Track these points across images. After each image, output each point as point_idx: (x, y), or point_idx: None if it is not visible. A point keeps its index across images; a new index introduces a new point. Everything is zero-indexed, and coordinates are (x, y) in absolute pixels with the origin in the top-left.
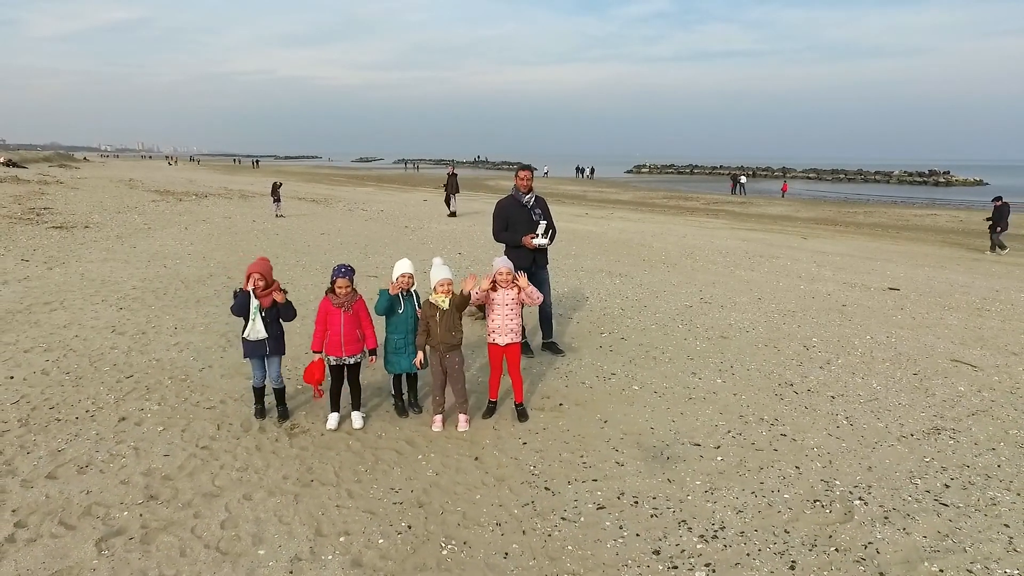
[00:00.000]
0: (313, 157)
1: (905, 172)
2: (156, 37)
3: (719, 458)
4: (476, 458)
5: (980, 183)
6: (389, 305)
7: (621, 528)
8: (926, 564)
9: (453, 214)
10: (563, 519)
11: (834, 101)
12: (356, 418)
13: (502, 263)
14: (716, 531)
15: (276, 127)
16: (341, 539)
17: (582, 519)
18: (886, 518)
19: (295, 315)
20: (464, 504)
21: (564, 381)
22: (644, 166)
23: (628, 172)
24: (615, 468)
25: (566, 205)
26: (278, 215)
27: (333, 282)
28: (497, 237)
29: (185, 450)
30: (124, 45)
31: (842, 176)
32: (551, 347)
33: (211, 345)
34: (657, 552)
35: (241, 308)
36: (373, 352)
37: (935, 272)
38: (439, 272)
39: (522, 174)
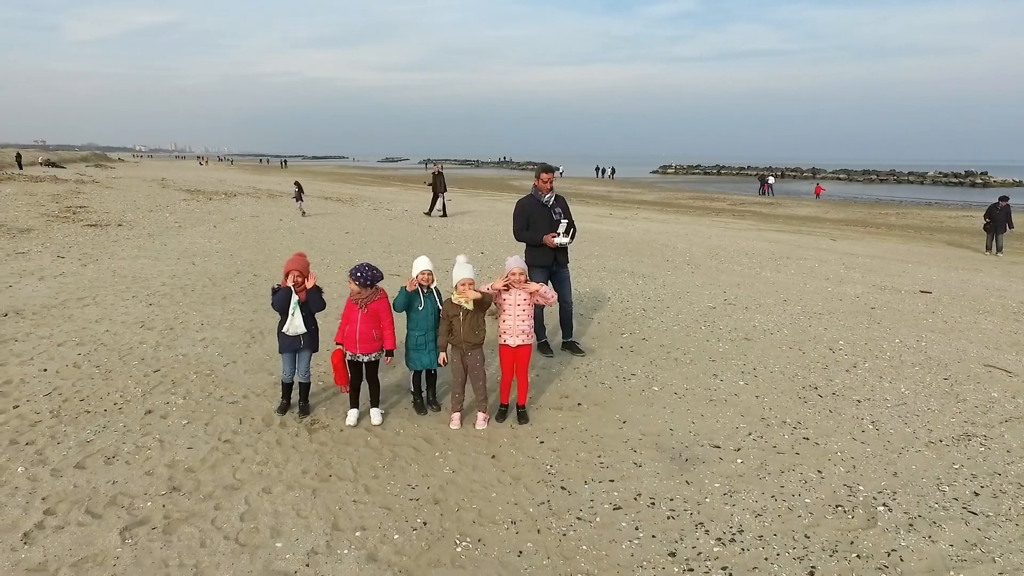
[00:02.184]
0: (339, 157)
1: (940, 173)
2: (187, 40)
3: (739, 461)
4: (493, 456)
5: (1020, 184)
6: (407, 301)
7: (637, 529)
8: (952, 573)
9: (442, 214)
10: (578, 519)
11: (865, 100)
12: (375, 415)
13: (514, 263)
14: (734, 534)
15: (304, 128)
16: (357, 534)
17: (598, 519)
18: (911, 525)
19: (324, 305)
20: (480, 502)
21: (583, 381)
22: (670, 167)
23: (653, 172)
24: (632, 469)
25: (590, 205)
26: (304, 213)
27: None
28: (518, 236)
29: (208, 443)
30: (156, 48)
31: (874, 177)
32: (571, 347)
33: (236, 341)
34: (673, 554)
35: (282, 303)
36: (390, 353)
37: (970, 275)
38: (462, 271)
39: (544, 176)
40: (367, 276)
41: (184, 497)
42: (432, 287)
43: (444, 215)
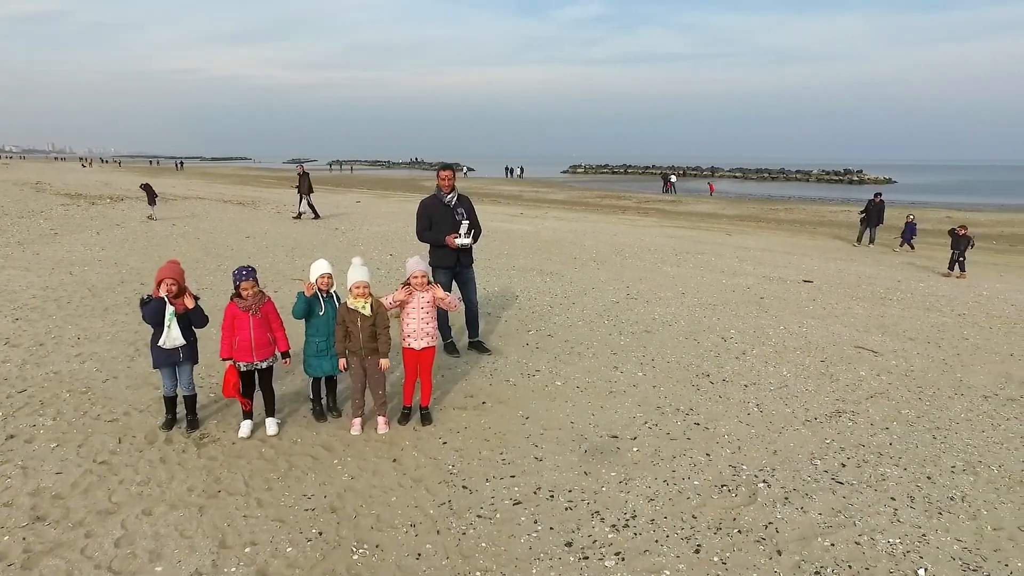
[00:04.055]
0: (242, 159)
1: (823, 171)
2: (74, 32)
3: (635, 449)
4: (394, 460)
5: (890, 181)
6: (307, 307)
7: (536, 523)
8: (819, 539)
9: (299, 216)
10: (479, 516)
11: (760, 103)
12: (270, 424)
13: (416, 265)
14: (628, 520)
15: (204, 128)
16: (247, 550)
17: (498, 515)
18: (786, 499)
19: (207, 321)
20: (379, 507)
21: (488, 379)
22: (580, 166)
23: (564, 172)
24: (533, 463)
25: (502, 205)
26: (152, 218)
27: (237, 286)
28: (420, 237)
29: (80, 466)
30: (34, 40)
31: (766, 175)
32: (477, 346)
33: (117, 355)
34: (569, 544)
35: (154, 315)
36: (286, 355)
37: (846, 265)
38: (356, 273)
39: (443, 174)
40: (252, 270)
41: (49, 527)
42: (332, 291)
43: (299, 217)
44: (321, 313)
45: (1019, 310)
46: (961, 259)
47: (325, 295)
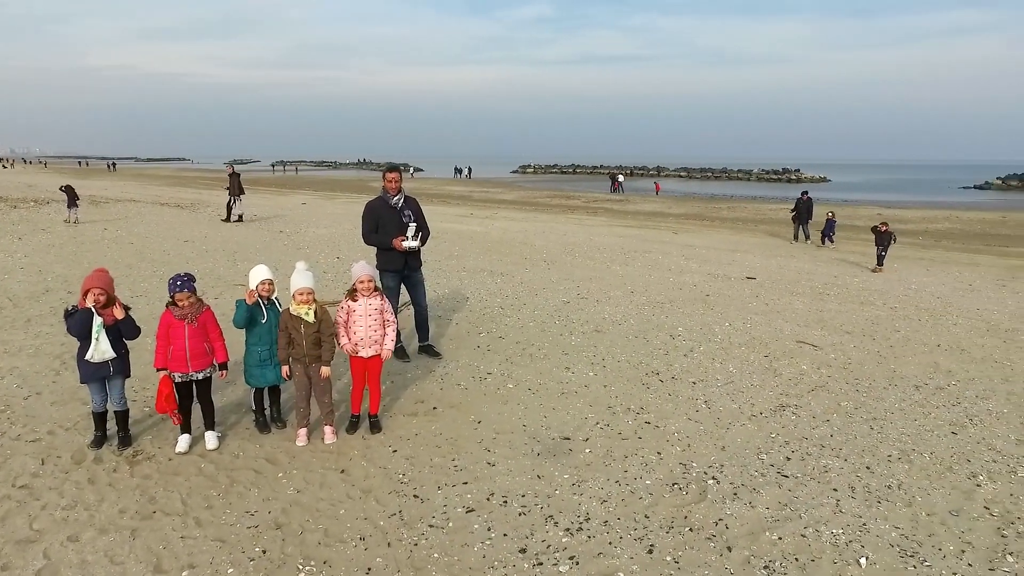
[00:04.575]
0: (181, 159)
1: (763, 170)
2: None
3: (587, 450)
4: (342, 471)
5: (824, 179)
6: (248, 316)
7: (489, 530)
8: (767, 533)
9: (240, 219)
10: (431, 526)
11: (705, 104)
12: (210, 438)
13: (361, 270)
14: (581, 523)
15: (140, 127)
16: (184, 573)
17: (450, 524)
18: (735, 494)
19: (139, 332)
20: (326, 521)
21: (439, 384)
22: (529, 166)
23: (514, 172)
24: (486, 469)
25: (451, 205)
26: (71, 221)
27: (173, 296)
28: (367, 240)
29: None
30: None
31: (709, 175)
32: (428, 350)
33: (41, 370)
34: (523, 550)
35: (81, 328)
36: (223, 366)
37: (786, 261)
38: (300, 279)
39: (390, 176)
40: (190, 279)
41: None
42: (274, 297)
43: (240, 220)
44: (263, 321)
45: (944, 302)
46: (883, 254)
47: (267, 302)
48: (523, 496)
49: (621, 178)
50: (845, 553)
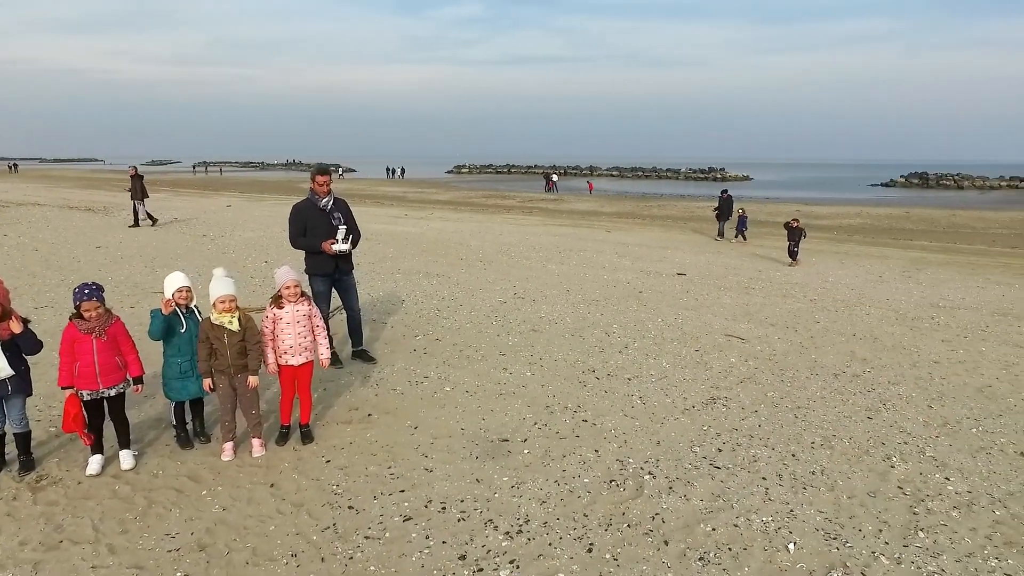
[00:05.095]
0: (92, 160)
1: (691, 169)
2: None
3: (526, 451)
4: (272, 485)
5: (747, 178)
6: (165, 326)
7: (427, 538)
8: (702, 525)
9: (147, 221)
10: (367, 538)
11: (635, 105)
12: (125, 458)
13: (286, 275)
14: (521, 526)
15: (44, 126)
16: None
17: (387, 534)
18: (671, 488)
19: (41, 347)
20: (255, 539)
21: (374, 390)
22: (464, 166)
23: (448, 172)
24: (424, 475)
25: (385, 207)
26: None
27: (77, 306)
28: (294, 244)
29: None
30: None
31: (640, 173)
32: (362, 355)
33: None
34: (463, 557)
35: None
36: (139, 380)
37: (714, 257)
38: (221, 287)
39: (320, 179)
40: (98, 288)
41: None
42: (193, 305)
43: (137, 224)
44: (182, 331)
45: (858, 294)
46: (796, 249)
47: (185, 311)
48: (462, 501)
49: (555, 178)
50: (775, 540)
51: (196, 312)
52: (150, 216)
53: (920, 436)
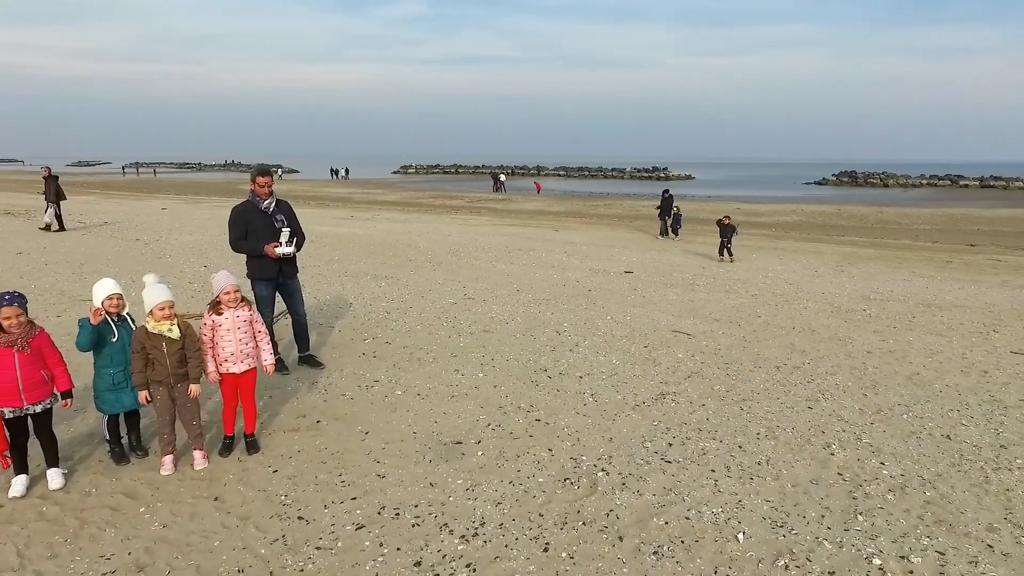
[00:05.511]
0: (10, 161)
1: (635, 169)
2: None
3: (480, 453)
4: (216, 498)
5: (690, 177)
6: (95, 336)
7: (381, 545)
8: (655, 519)
9: (50, 227)
10: (318, 548)
11: (580, 105)
12: (53, 477)
13: (225, 281)
14: (477, 529)
15: None
16: None
17: (339, 544)
18: (624, 484)
19: None
20: (198, 556)
21: (322, 395)
22: (411, 167)
23: (395, 173)
24: (376, 481)
25: (330, 208)
26: None
27: None
28: (235, 247)
29: None
30: None
31: (587, 173)
32: (309, 361)
33: None
34: (418, 563)
35: None
36: (67, 394)
37: (659, 255)
38: (158, 293)
39: (261, 180)
40: (18, 296)
41: None
42: (125, 313)
43: (61, 228)
44: (114, 340)
45: (796, 288)
46: (728, 245)
47: (117, 319)
48: (416, 506)
49: (503, 177)
50: (725, 530)
51: (129, 320)
52: (59, 219)
53: (857, 424)
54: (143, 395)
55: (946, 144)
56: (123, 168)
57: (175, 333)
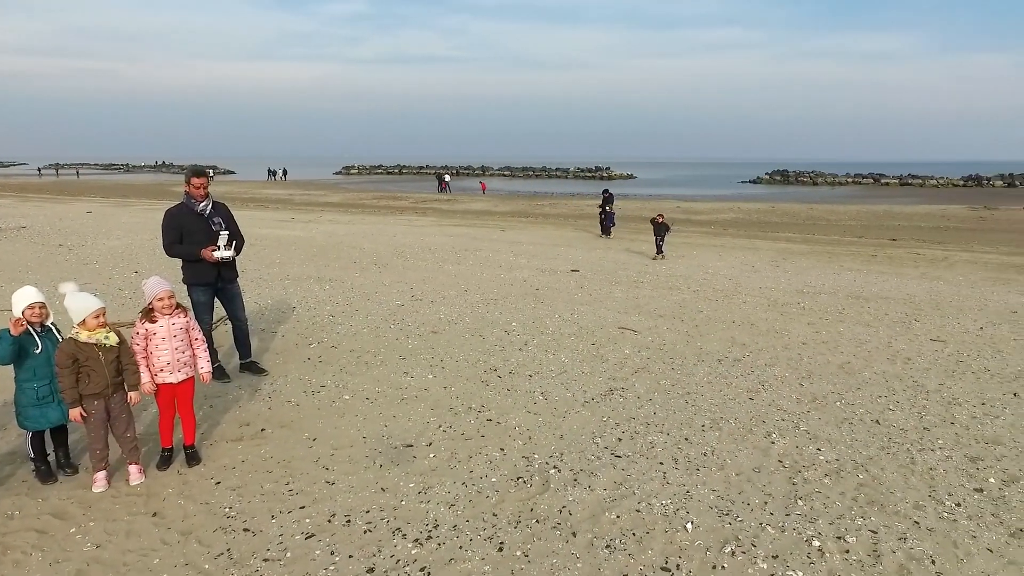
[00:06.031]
0: None
1: (578, 168)
2: None
3: (431, 455)
4: (155, 514)
5: (632, 176)
6: (17, 348)
7: (332, 554)
8: (607, 514)
9: None
10: (266, 560)
11: (521, 105)
12: None
13: (157, 287)
14: (430, 532)
15: None
16: None
17: (288, 555)
18: (575, 480)
19: None
20: (136, 575)
21: (267, 403)
22: (353, 167)
23: (337, 173)
24: (325, 488)
25: (270, 210)
26: None
27: None
28: (169, 252)
29: None
30: None
31: (531, 173)
32: (251, 367)
33: None
34: (371, 570)
35: None
36: None
37: (604, 254)
38: (88, 302)
39: (196, 182)
40: None
41: None
42: (49, 323)
43: None
44: (37, 352)
45: (735, 283)
46: (660, 243)
47: (40, 329)
48: (367, 512)
49: (448, 178)
50: (674, 521)
51: (54, 330)
52: None
53: (794, 412)
54: (76, 412)
55: (869, 145)
56: (39, 169)
57: (113, 340)
